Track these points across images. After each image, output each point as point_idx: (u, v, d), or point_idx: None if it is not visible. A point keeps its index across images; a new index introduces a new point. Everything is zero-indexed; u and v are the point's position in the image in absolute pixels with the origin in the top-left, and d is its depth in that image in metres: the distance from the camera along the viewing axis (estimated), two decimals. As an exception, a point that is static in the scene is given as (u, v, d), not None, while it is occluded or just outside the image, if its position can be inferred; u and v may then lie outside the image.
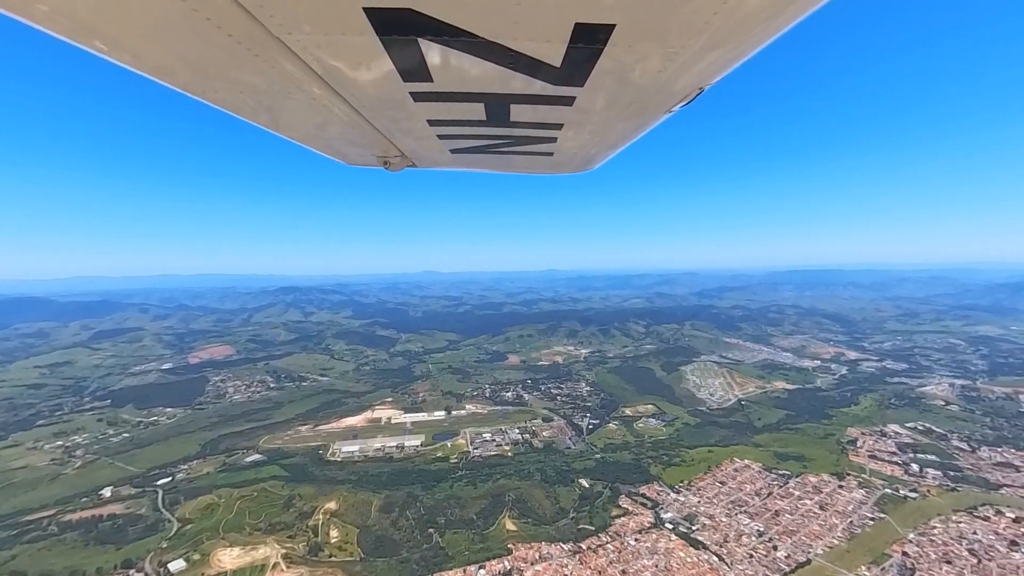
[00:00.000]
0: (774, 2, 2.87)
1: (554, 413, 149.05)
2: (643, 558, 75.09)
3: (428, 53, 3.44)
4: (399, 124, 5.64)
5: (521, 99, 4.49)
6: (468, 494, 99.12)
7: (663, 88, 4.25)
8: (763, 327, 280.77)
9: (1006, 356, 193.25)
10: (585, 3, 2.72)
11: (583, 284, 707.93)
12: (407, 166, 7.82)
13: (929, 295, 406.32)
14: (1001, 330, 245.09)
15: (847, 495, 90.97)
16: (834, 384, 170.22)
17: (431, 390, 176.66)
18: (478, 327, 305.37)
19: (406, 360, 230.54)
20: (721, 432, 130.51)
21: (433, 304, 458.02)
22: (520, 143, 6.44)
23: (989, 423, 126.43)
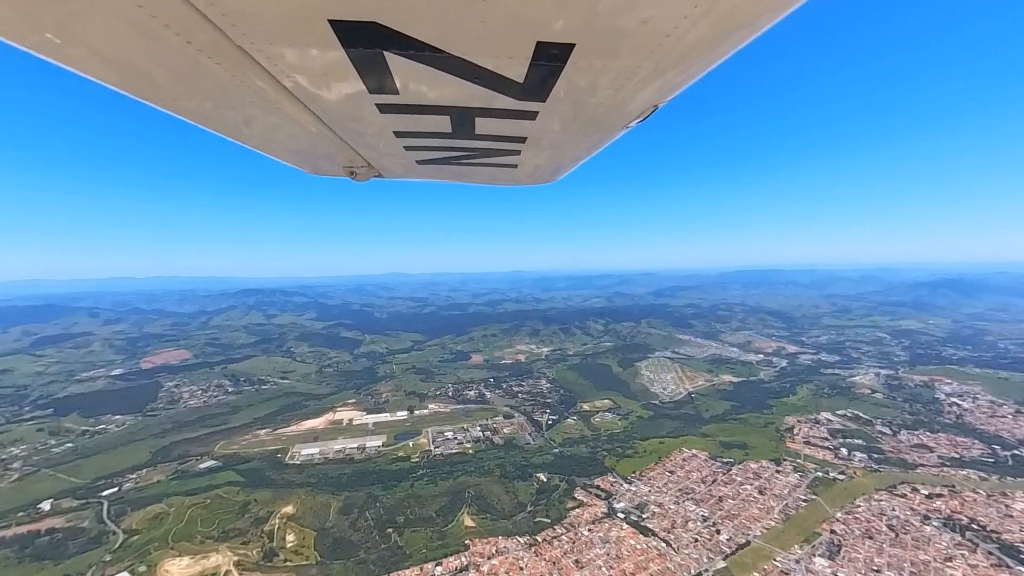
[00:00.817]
0: (721, 28, 2.98)
1: (515, 410, 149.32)
2: (595, 547, 76.12)
3: (394, 66, 3.40)
4: (365, 135, 5.53)
5: (486, 112, 4.49)
6: (428, 492, 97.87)
7: (620, 105, 4.35)
8: (713, 324, 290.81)
9: (924, 347, 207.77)
10: (546, 23, 2.78)
11: (547, 285, 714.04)
12: (373, 176, 7.71)
13: (860, 292, 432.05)
14: (921, 324, 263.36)
15: (783, 479, 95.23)
16: (775, 376, 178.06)
17: (394, 391, 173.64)
18: (443, 327, 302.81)
19: (370, 361, 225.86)
20: (672, 424, 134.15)
21: (399, 305, 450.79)
22: (485, 155, 6.42)
23: (908, 409, 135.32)
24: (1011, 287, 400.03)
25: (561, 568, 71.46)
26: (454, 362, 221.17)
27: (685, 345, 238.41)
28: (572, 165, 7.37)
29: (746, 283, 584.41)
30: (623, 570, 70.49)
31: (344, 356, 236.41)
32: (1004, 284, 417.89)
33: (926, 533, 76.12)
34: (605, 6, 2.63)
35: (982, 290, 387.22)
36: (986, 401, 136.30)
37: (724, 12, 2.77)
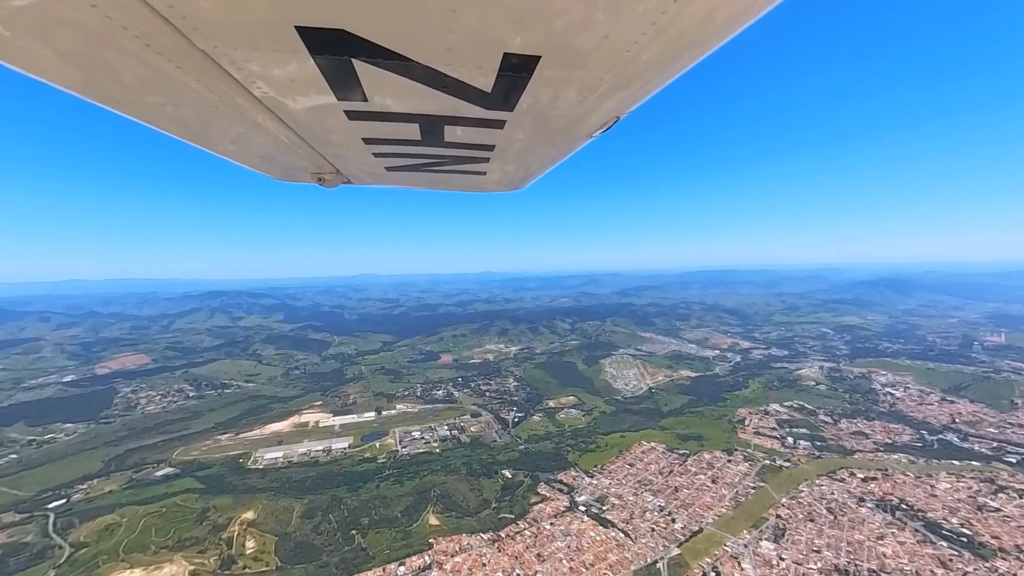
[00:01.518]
0: (676, 46, 3.08)
1: (482, 409, 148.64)
2: (557, 540, 76.47)
3: (362, 74, 3.30)
4: (334, 142, 5.36)
5: (454, 121, 4.44)
6: (394, 493, 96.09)
7: (584, 116, 4.37)
8: (673, 322, 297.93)
9: (863, 341, 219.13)
10: (512, 35, 2.82)
11: (516, 285, 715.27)
12: (342, 183, 7.51)
13: (807, 291, 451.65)
14: (861, 320, 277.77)
15: (735, 468, 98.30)
16: (729, 371, 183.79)
17: (362, 392, 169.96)
18: (413, 328, 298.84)
19: (338, 363, 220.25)
20: (633, 418, 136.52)
21: (370, 307, 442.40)
22: (454, 162, 6.33)
23: (848, 399, 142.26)
24: (939, 285, 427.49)
25: (523, 562, 71.42)
26: (423, 362, 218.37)
27: (647, 342, 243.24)
28: (540, 172, 7.33)
29: (705, 283, 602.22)
30: (583, 561, 71.06)
31: (312, 358, 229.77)
32: (933, 283, 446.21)
33: (861, 514, 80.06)
34: (567, 21, 2.68)
35: (914, 288, 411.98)
36: (916, 390, 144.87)
37: (678, 32, 2.88)
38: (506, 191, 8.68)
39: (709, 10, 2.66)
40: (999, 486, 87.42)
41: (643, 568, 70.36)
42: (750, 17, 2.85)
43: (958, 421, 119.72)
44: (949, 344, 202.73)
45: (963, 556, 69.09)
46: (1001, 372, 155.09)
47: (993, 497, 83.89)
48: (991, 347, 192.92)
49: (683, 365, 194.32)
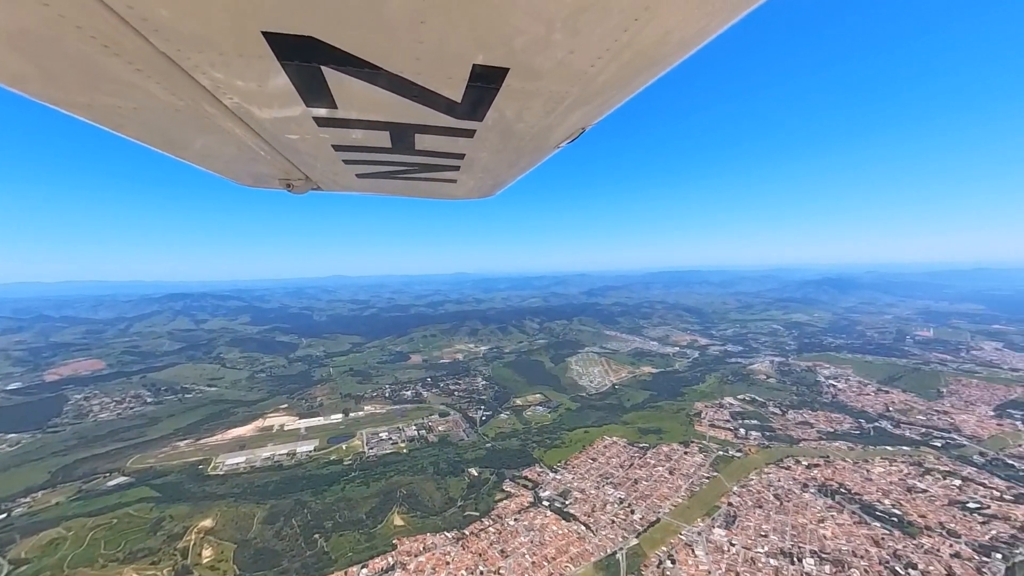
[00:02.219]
0: (637, 64, 3.15)
1: (451, 408, 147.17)
2: (520, 536, 76.33)
3: (332, 81, 3.22)
4: (303, 148, 5.14)
5: (425, 129, 4.34)
6: (359, 494, 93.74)
7: (551, 127, 4.37)
8: (637, 320, 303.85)
9: (810, 337, 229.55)
10: (481, 47, 2.82)
11: (488, 286, 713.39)
12: (311, 189, 7.23)
13: (760, 290, 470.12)
14: (808, 317, 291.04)
15: (690, 459, 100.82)
16: (688, 366, 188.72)
17: (330, 394, 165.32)
18: (384, 329, 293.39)
19: (306, 365, 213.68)
20: (597, 414, 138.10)
21: (340, 308, 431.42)
22: (425, 170, 6.23)
23: (795, 391, 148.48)
24: (877, 284, 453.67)
25: (487, 559, 70.90)
26: (393, 363, 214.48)
27: (612, 340, 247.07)
28: (509, 181, 7.26)
29: (667, 283, 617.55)
30: (545, 555, 71.17)
31: (279, 361, 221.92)
32: (872, 282, 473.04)
33: (804, 499, 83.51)
34: (534, 36, 2.70)
35: (855, 287, 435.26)
36: (855, 381, 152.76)
37: (635, 53, 2.98)
38: (477, 199, 8.53)
39: (662, 33, 2.76)
40: (926, 468, 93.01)
41: (603, 559, 71.13)
42: (701, 40, 2.97)
43: (891, 410, 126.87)
44: (885, 339, 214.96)
45: (893, 534, 73.04)
46: (929, 364, 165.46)
47: (921, 479, 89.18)
48: (921, 341, 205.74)
49: (645, 362, 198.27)
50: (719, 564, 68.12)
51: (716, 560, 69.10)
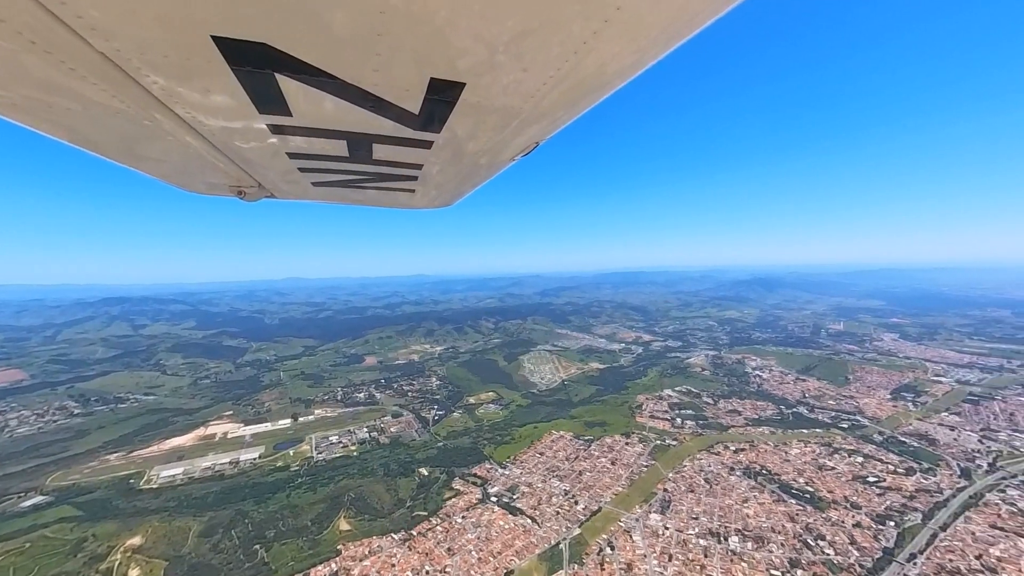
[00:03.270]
0: (585, 86, 3.24)
1: (404, 408, 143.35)
2: (468, 533, 75.11)
3: (286, 88, 3.08)
4: (256, 156, 4.85)
5: (383, 139, 4.22)
6: (306, 501, 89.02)
7: (506, 141, 4.36)
8: (587, 319, 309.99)
9: (740, 332, 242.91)
10: (438, 61, 2.80)
11: (446, 287, 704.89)
12: (265, 197, 6.82)
13: (699, 289, 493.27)
14: (739, 313, 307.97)
15: (631, 450, 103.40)
16: (632, 361, 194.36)
17: (279, 398, 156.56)
18: (339, 331, 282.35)
19: (255, 370, 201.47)
20: (546, 409, 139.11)
21: (293, 311, 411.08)
22: (383, 180, 6.01)
23: (726, 382, 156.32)
24: (799, 283, 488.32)
25: (433, 558, 69.14)
26: (347, 365, 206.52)
27: (563, 338, 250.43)
28: (467, 191, 7.11)
29: (616, 283, 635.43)
30: (491, 551, 70.34)
31: (225, 366, 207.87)
32: (794, 281, 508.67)
33: (731, 482, 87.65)
34: (489, 53, 2.72)
35: (780, 286, 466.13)
36: (778, 371, 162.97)
37: (577, 80, 3.08)
38: (435, 208, 8.32)
39: (599, 65, 2.91)
40: (835, 448, 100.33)
41: (547, 550, 71.23)
42: (636, 71, 3.08)
43: (807, 396, 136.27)
44: (803, 332, 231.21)
45: (806, 510, 78.03)
46: (839, 354, 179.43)
47: (830, 458, 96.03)
48: (833, 334, 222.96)
49: (593, 358, 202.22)
50: (654, 547, 70.00)
51: (652, 544, 70.98)
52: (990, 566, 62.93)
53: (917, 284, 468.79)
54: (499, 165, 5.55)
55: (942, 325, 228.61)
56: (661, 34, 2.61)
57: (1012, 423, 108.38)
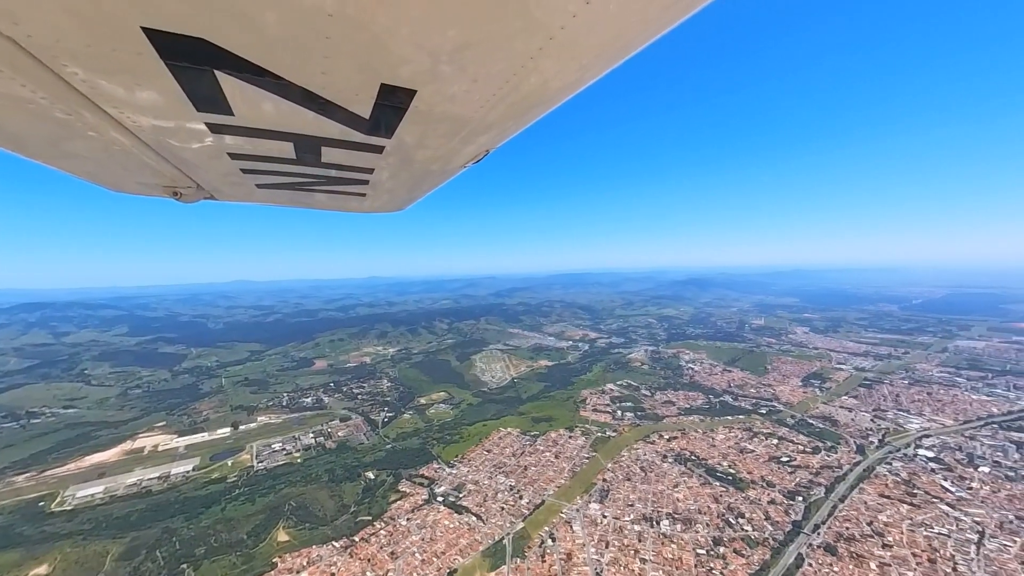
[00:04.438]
0: (530, 100, 3.24)
1: (353, 412, 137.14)
2: (412, 535, 72.45)
3: (227, 87, 2.84)
4: (193, 156, 4.47)
5: (332, 143, 3.99)
6: (243, 513, 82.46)
7: (458, 149, 4.31)
8: (538, 319, 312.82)
9: (676, 328, 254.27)
10: (389, 68, 2.72)
11: (401, 289, 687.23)
12: (204, 198, 6.23)
13: (641, 289, 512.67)
14: (676, 311, 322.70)
15: (574, 443, 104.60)
16: (579, 358, 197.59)
17: (218, 407, 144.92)
18: (287, 335, 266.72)
19: (194, 377, 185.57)
20: (496, 407, 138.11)
21: (240, 315, 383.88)
22: (332, 183, 5.70)
23: (663, 375, 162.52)
24: (728, 283, 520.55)
25: (376, 563, 65.95)
26: (295, 369, 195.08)
27: (514, 337, 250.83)
28: (419, 196, 6.84)
29: (566, 284, 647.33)
30: (435, 551, 68.18)
31: (160, 374, 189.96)
32: (724, 281, 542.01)
33: (664, 469, 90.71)
34: (441, 62, 2.68)
35: (712, 285, 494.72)
36: (708, 364, 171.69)
37: (522, 95, 3.07)
38: (387, 212, 7.89)
39: (543, 82, 2.95)
40: (754, 432, 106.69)
41: (491, 547, 70.09)
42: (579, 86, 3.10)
43: (732, 386, 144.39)
44: (730, 327, 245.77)
45: (729, 491, 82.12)
46: (760, 346, 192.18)
47: (750, 441, 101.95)
48: (755, 328, 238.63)
49: (542, 356, 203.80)
50: (593, 536, 70.79)
51: (591, 533, 71.75)
52: (878, 531, 68.99)
53: (824, 283, 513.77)
54: (450, 172, 5.35)
55: (844, 319, 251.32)
56: (602, 53, 2.66)
57: (897, 403, 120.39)
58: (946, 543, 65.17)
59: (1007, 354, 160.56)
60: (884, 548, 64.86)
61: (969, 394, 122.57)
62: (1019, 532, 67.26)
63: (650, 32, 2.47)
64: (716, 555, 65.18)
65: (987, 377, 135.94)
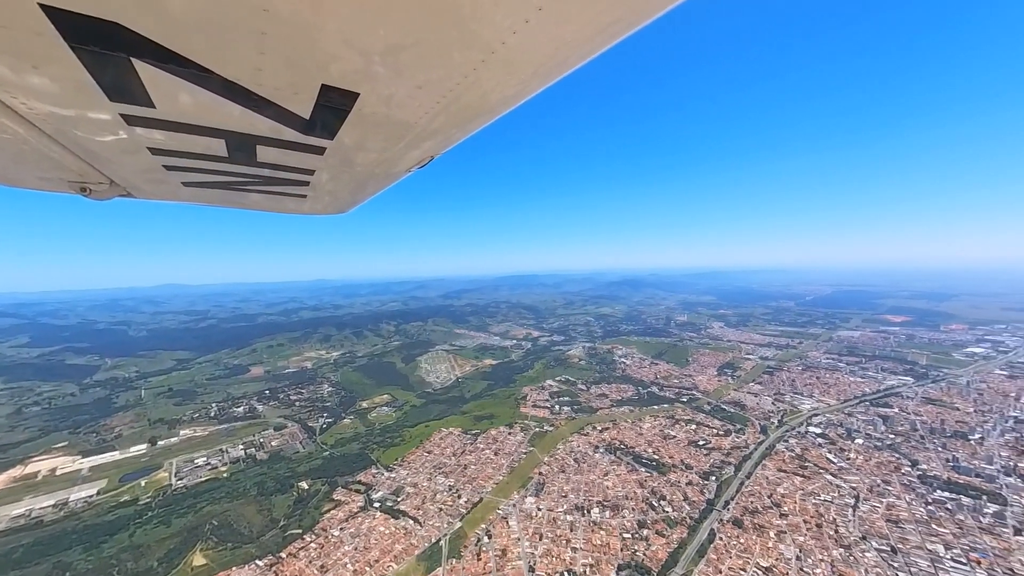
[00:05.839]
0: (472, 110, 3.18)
1: (289, 419, 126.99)
2: (344, 545, 67.50)
3: (146, 77, 2.48)
4: (105, 149, 3.91)
5: (269, 142, 3.67)
6: (155, 537, 72.63)
7: (401, 153, 4.15)
8: (484, 319, 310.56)
9: (611, 325, 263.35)
10: (330, 69, 2.54)
11: (348, 292, 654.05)
12: (119, 195, 5.54)
13: (581, 289, 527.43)
14: (611, 310, 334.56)
15: (513, 439, 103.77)
16: (522, 356, 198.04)
17: (134, 421, 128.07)
18: (221, 341, 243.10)
19: (107, 390, 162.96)
20: (439, 408, 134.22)
21: (167, 321, 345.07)
22: (270, 183, 5.23)
23: (598, 369, 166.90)
24: (659, 283, 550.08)
25: (304, 579, 60.50)
26: (227, 378, 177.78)
27: (461, 338, 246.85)
28: (363, 199, 6.44)
29: (513, 285, 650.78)
30: (368, 560, 63.89)
31: (66, 388, 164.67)
32: (654, 281, 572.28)
33: (595, 459, 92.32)
34: (384, 67, 2.57)
35: (643, 285, 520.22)
36: (638, 358, 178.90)
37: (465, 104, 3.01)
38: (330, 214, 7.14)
39: (483, 93, 2.92)
40: (676, 419, 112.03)
41: (427, 549, 66.98)
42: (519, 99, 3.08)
43: (658, 377, 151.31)
44: (658, 323, 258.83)
45: (653, 475, 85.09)
46: (683, 340, 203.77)
47: (672, 428, 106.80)
48: (679, 324, 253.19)
49: (487, 355, 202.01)
50: (527, 530, 69.97)
51: (525, 527, 70.90)
52: (777, 502, 74.49)
53: (737, 283, 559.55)
54: (394, 175, 5.08)
55: (752, 314, 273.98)
56: (540, 70, 2.68)
57: (793, 387, 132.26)
58: (830, 508, 71.69)
59: (876, 341, 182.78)
60: (781, 517, 70.05)
61: (848, 376, 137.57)
62: (886, 494, 75.68)
63: (586, 51, 2.48)
64: (640, 538, 66.87)
65: (861, 362, 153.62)
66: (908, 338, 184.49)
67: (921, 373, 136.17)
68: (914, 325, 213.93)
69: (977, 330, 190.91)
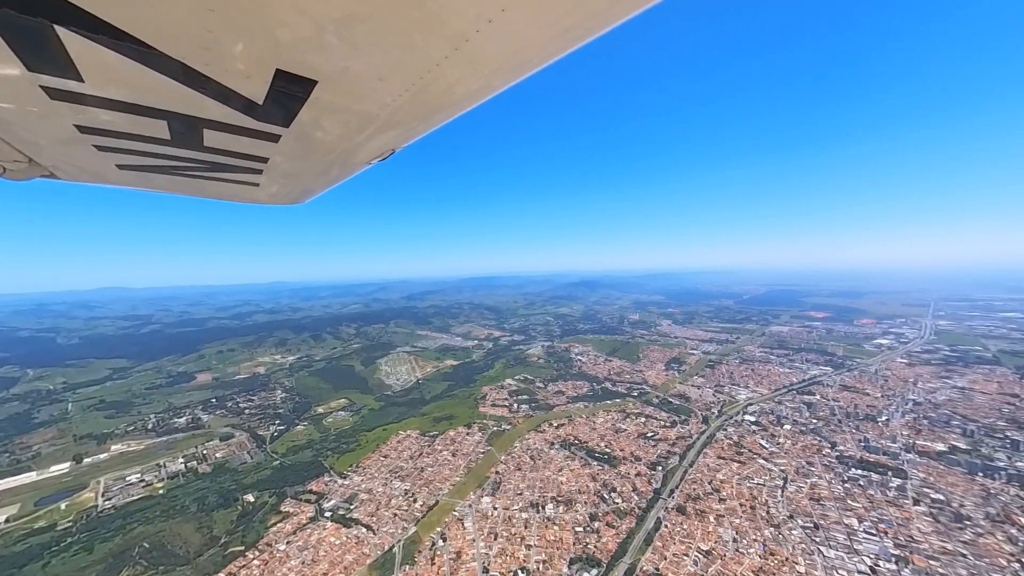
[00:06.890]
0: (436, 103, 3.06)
1: (237, 428, 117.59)
2: (291, 559, 62.59)
3: (73, 47, 2.16)
4: (23, 124, 3.56)
5: (218, 126, 3.38)
6: (74, 566, 64.08)
7: (360, 145, 3.96)
8: (447, 320, 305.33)
9: (569, 325, 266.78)
10: (286, 53, 2.36)
11: (308, 294, 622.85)
12: (40, 175, 5.01)
13: (541, 290, 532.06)
14: (570, 310, 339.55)
15: (471, 439, 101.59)
16: (483, 356, 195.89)
17: (57, 438, 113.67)
18: (164, 348, 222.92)
19: (26, 404, 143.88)
20: (398, 410, 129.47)
21: (104, 327, 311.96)
22: (218, 169, 4.83)
23: (556, 367, 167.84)
24: (614, 284, 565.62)
25: (244, 600, 55.35)
26: (169, 386, 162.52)
27: (423, 339, 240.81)
28: (319, 190, 6.07)
29: (476, 286, 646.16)
30: (316, 574, 59.56)
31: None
32: (609, 282, 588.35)
33: (551, 455, 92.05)
34: (344, 57, 2.42)
35: (599, 286, 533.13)
36: (593, 355, 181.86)
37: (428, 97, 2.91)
38: (283, 204, 6.75)
39: (447, 87, 2.84)
40: (627, 413, 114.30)
41: (379, 557, 63.52)
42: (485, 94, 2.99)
43: (612, 373, 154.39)
44: (613, 322, 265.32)
45: (605, 469, 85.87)
46: (635, 338, 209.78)
47: (623, 422, 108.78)
48: (632, 323, 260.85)
49: (449, 356, 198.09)
50: (483, 530, 68.18)
51: (481, 527, 69.07)
52: (716, 487, 77.31)
53: (684, 283, 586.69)
54: (353, 167, 4.82)
55: (696, 312, 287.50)
56: (503, 68, 2.62)
57: (732, 380, 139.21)
58: (762, 491, 75.32)
59: (802, 336, 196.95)
60: (720, 502, 72.70)
61: (778, 368, 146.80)
62: (810, 475, 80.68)
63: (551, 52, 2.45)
64: (591, 530, 66.95)
65: (789, 354, 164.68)
66: (828, 332, 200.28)
67: (839, 363, 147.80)
68: (833, 320, 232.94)
69: (883, 324, 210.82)
